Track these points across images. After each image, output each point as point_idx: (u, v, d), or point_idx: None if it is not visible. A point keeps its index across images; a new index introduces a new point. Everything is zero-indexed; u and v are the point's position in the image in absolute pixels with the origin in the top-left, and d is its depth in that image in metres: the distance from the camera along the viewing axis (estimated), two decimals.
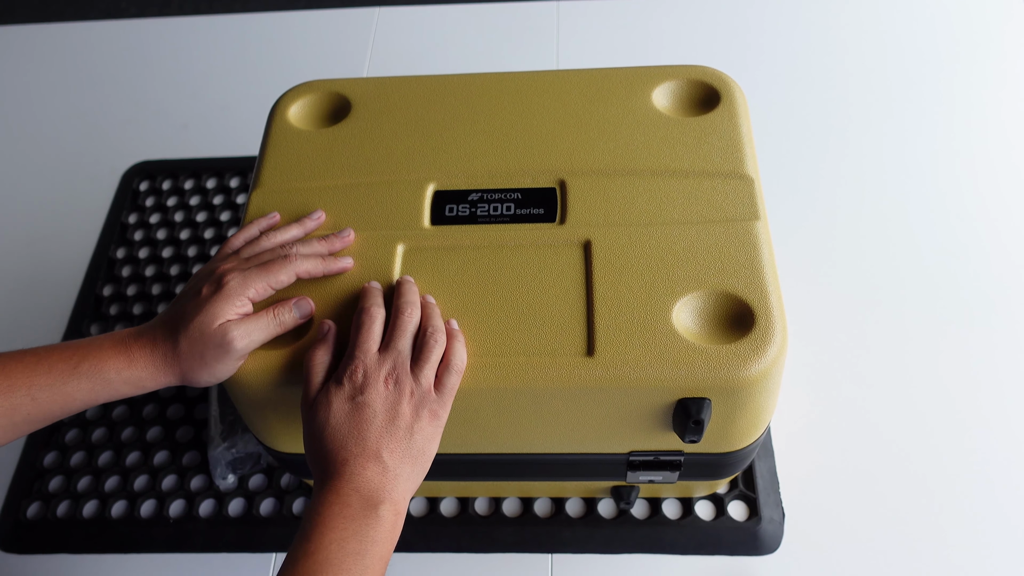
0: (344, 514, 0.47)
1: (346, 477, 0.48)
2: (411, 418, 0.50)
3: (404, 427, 0.50)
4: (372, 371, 0.50)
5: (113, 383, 0.52)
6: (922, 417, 0.73)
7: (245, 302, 0.53)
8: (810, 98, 0.97)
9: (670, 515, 0.69)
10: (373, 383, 0.50)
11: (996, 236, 0.84)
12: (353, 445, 0.49)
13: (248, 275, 0.53)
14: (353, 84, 0.69)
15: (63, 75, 1.09)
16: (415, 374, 0.51)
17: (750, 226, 0.57)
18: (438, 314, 0.54)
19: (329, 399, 0.50)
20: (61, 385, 0.51)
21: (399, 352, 0.51)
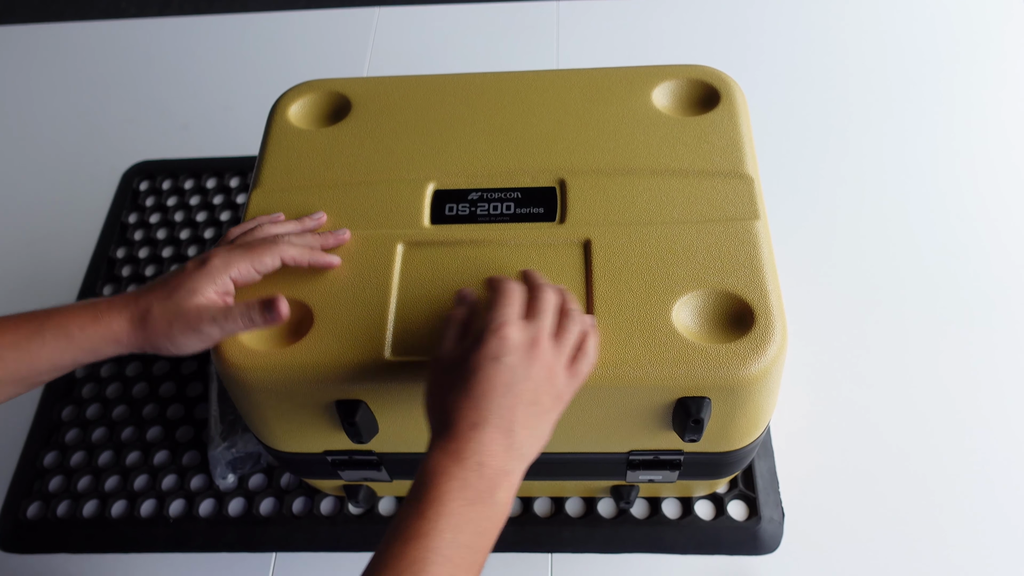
0: (464, 495, 0.44)
1: (473, 445, 0.44)
2: (548, 397, 0.47)
3: (539, 403, 0.46)
4: (517, 338, 0.46)
5: (75, 340, 0.51)
6: (922, 417, 0.73)
7: (226, 281, 0.52)
8: (810, 98, 0.97)
9: (670, 515, 0.69)
10: (513, 345, 0.46)
11: (996, 236, 0.84)
12: (487, 407, 0.45)
13: (232, 254, 0.53)
14: (353, 84, 0.69)
15: (63, 75, 1.09)
16: (556, 350, 0.48)
17: (750, 225, 0.57)
18: (576, 300, 0.51)
19: (469, 353, 0.46)
20: (25, 343, 0.50)
21: (544, 326, 0.48)
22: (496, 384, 0.45)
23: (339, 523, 0.70)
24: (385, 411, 0.55)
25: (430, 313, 0.55)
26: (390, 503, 0.71)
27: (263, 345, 0.54)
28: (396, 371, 0.53)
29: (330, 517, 0.70)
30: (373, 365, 0.53)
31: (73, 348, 0.51)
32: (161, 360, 0.81)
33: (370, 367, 0.53)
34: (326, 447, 0.60)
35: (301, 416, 0.56)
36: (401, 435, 0.58)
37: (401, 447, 0.60)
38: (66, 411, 0.79)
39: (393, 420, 0.56)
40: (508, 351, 0.46)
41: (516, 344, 0.46)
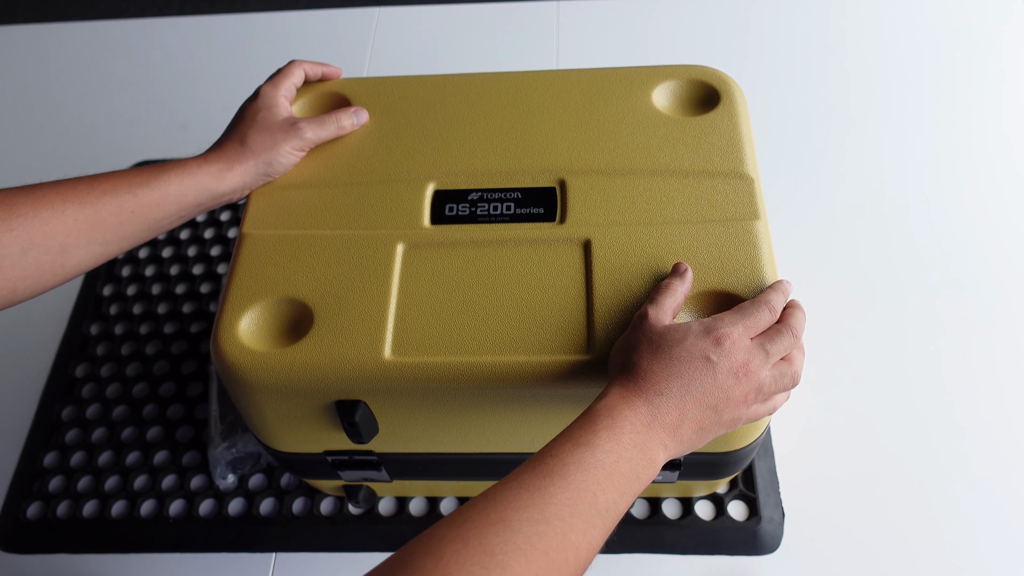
0: (633, 432, 0.45)
1: (651, 405, 0.46)
2: (728, 411, 0.48)
3: (715, 415, 0.47)
4: (739, 348, 0.48)
5: (196, 175, 0.59)
6: (922, 417, 0.73)
7: (282, 99, 0.64)
8: (810, 98, 0.97)
9: (670, 515, 0.69)
10: (731, 356, 0.47)
11: (996, 236, 0.84)
12: (675, 387, 0.47)
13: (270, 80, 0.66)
14: (353, 84, 0.69)
15: (63, 75, 1.09)
16: (759, 388, 0.49)
17: (750, 225, 0.57)
18: (801, 317, 0.51)
19: (688, 333, 0.48)
20: (154, 181, 0.58)
21: (767, 355, 0.49)
22: (694, 375, 0.47)
23: (339, 523, 0.70)
24: (385, 411, 0.55)
25: (430, 313, 0.55)
26: (390, 503, 0.71)
27: (263, 345, 0.54)
28: (396, 371, 0.53)
29: (330, 517, 0.70)
30: (373, 365, 0.53)
31: (194, 184, 0.59)
32: (161, 360, 0.81)
33: (370, 367, 0.53)
34: (326, 447, 0.60)
35: (301, 416, 0.56)
36: (401, 435, 0.58)
37: (401, 447, 0.60)
38: (66, 411, 0.79)
39: (393, 420, 0.56)
40: (722, 355, 0.47)
41: (732, 355, 0.48)
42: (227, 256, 0.88)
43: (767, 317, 0.50)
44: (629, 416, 0.46)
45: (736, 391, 0.48)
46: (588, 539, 0.43)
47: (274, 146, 0.61)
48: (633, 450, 0.45)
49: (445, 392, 0.53)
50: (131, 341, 0.83)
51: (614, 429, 0.45)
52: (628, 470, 0.45)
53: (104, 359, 0.82)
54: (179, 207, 0.59)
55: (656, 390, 0.47)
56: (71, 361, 0.82)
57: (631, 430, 0.45)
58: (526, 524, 0.41)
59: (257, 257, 0.58)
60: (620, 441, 0.45)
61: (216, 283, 0.86)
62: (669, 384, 0.47)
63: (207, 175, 0.59)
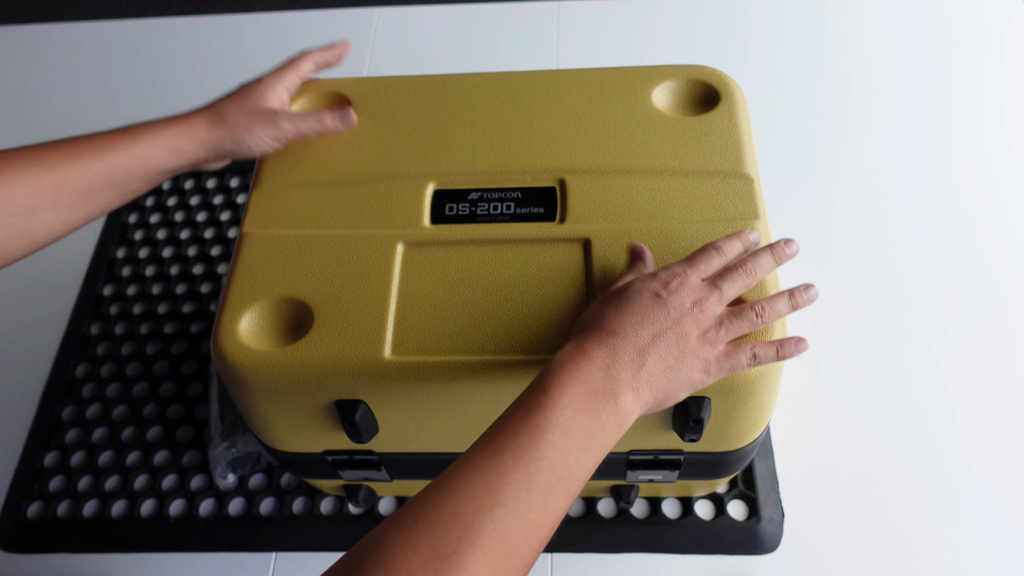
0: (586, 384, 0.44)
1: (605, 349, 0.45)
2: (692, 348, 0.46)
3: (680, 349, 0.46)
4: (688, 286, 0.48)
5: (163, 137, 0.59)
6: (922, 417, 0.73)
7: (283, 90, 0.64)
8: (810, 98, 0.98)
9: (670, 514, 0.69)
10: (682, 293, 0.47)
11: (996, 236, 0.84)
12: (629, 326, 0.46)
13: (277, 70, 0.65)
14: (353, 84, 0.69)
15: (63, 75, 1.09)
16: (718, 322, 0.48)
17: (750, 225, 0.57)
18: (781, 301, 0.50)
19: (635, 283, 0.48)
20: (121, 144, 0.59)
21: (721, 293, 0.48)
22: (648, 314, 0.46)
23: (339, 523, 0.70)
24: (385, 411, 0.56)
25: (430, 313, 0.55)
26: (390, 503, 0.71)
27: (263, 345, 0.54)
28: (396, 371, 0.53)
29: (330, 517, 0.70)
30: (373, 365, 0.53)
31: (164, 147, 0.59)
32: (161, 360, 0.81)
33: (370, 367, 0.53)
34: (326, 447, 0.60)
35: (301, 416, 0.56)
36: (401, 435, 0.58)
37: (401, 447, 0.60)
38: (66, 411, 0.79)
39: (393, 420, 0.56)
40: (670, 291, 0.47)
41: (681, 291, 0.47)
42: (227, 256, 0.88)
43: (717, 260, 0.50)
44: (583, 365, 0.44)
45: (692, 327, 0.47)
46: (551, 512, 0.41)
47: (248, 127, 0.61)
48: (592, 399, 0.43)
49: (445, 392, 0.53)
50: (131, 341, 0.83)
51: (567, 383, 0.43)
52: (589, 423, 0.43)
53: (104, 359, 0.82)
54: (146, 171, 0.59)
55: (609, 331, 0.46)
56: (71, 361, 0.82)
57: (585, 379, 0.44)
58: (479, 514, 0.39)
59: (257, 257, 0.58)
60: (575, 393, 0.43)
61: (216, 283, 0.86)
62: (622, 323, 0.46)
63: (174, 137, 0.60)
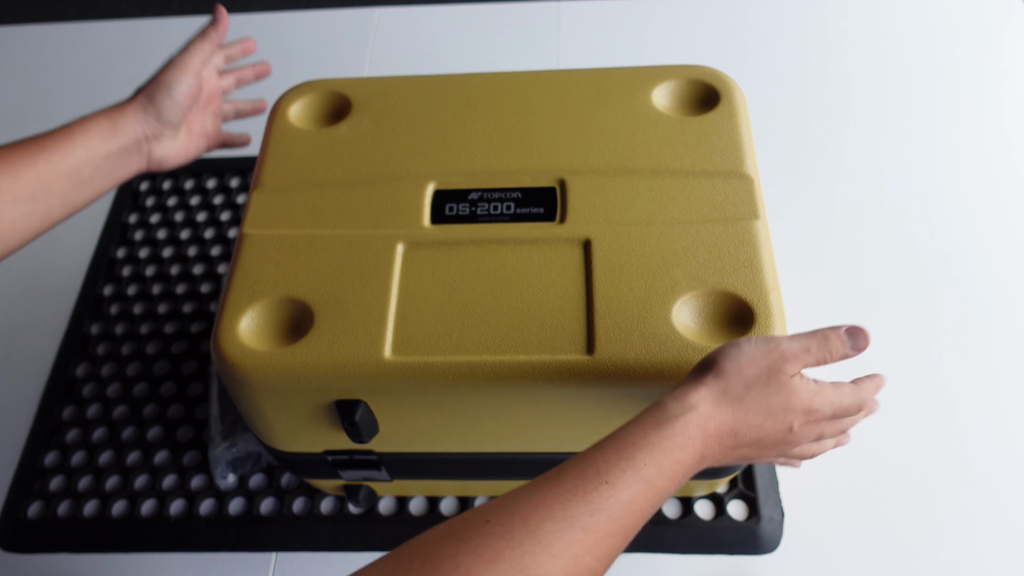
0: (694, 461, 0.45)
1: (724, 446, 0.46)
2: (771, 450, 0.49)
3: (764, 447, 0.48)
4: (819, 427, 0.50)
5: (96, 120, 0.61)
6: (922, 416, 0.73)
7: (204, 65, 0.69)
8: (810, 98, 0.98)
9: (670, 515, 0.69)
10: (810, 430, 0.49)
11: (995, 236, 0.84)
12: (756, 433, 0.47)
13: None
14: (353, 84, 0.69)
15: (63, 75, 1.09)
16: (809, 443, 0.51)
17: (750, 225, 0.57)
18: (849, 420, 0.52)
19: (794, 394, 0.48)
20: (61, 134, 0.59)
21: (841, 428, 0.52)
22: (769, 437, 0.48)
23: (339, 523, 0.70)
24: (385, 411, 0.56)
25: (431, 313, 0.55)
26: (390, 503, 0.71)
27: (263, 345, 0.55)
28: (396, 371, 0.53)
29: (330, 517, 0.70)
30: (373, 365, 0.53)
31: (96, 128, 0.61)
32: (162, 360, 0.81)
33: (370, 367, 0.53)
34: (326, 447, 0.60)
35: (301, 416, 0.56)
36: (401, 435, 0.58)
37: (401, 447, 0.60)
38: (67, 411, 0.79)
39: (393, 420, 0.56)
40: (805, 429, 0.49)
41: (812, 429, 0.49)
42: (227, 256, 0.88)
43: (853, 413, 0.51)
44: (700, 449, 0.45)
45: (785, 450, 0.50)
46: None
47: (159, 81, 0.64)
48: (686, 475, 0.45)
49: (445, 391, 0.53)
50: (131, 341, 0.83)
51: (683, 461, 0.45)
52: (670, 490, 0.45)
53: (105, 359, 0.82)
54: (91, 155, 0.61)
55: (736, 431, 0.46)
56: (72, 361, 0.82)
57: (695, 460, 0.45)
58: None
59: (257, 257, 0.58)
60: (685, 472, 0.45)
61: (216, 283, 0.86)
62: (756, 429, 0.47)
63: (105, 119, 0.62)
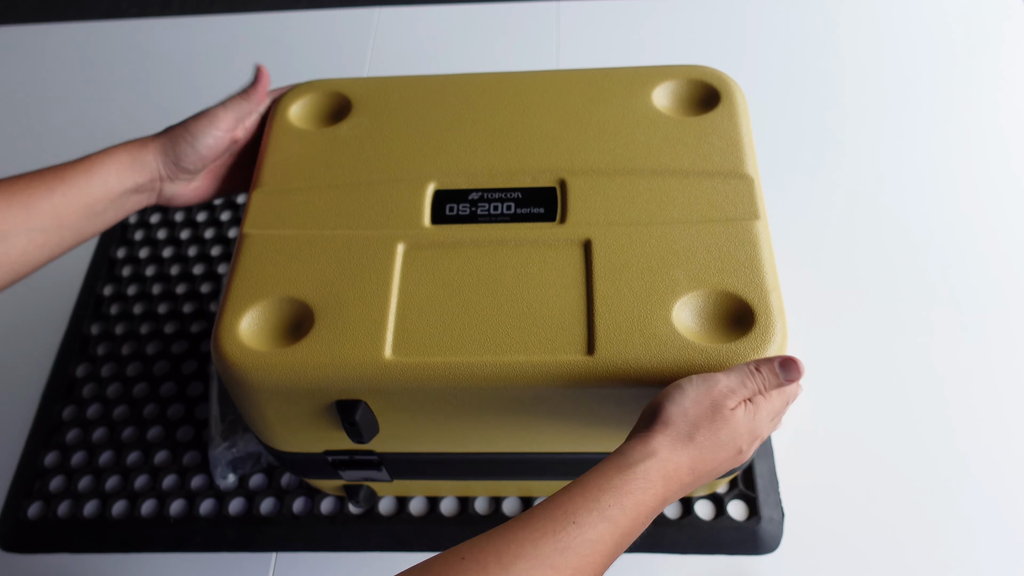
0: (651, 509, 0.46)
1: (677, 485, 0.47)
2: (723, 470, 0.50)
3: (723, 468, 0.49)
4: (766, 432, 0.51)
5: (118, 155, 0.61)
6: (921, 416, 0.73)
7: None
8: (810, 98, 0.98)
9: (670, 515, 0.69)
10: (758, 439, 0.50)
11: (994, 236, 0.84)
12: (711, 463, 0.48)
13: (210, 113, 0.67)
14: (353, 84, 0.69)
15: (63, 75, 1.09)
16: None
17: (750, 225, 0.57)
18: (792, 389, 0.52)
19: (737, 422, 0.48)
20: (80, 166, 0.59)
21: (776, 425, 0.53)
22: (729, 457, 0.49)
23: (339, 523, 0.70)
24: (385, 411, 0.56)
25: (431, 313, 0.55)
26: (390, 503, 0.71)
27: (263, 345, 0.55)
28: (396, 371, 0.53)
29: (330, 517, 0.70)
30: (373, 365, 0.53)
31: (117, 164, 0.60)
32: (162, 360, 0.81)
33: (370, 367, 0.53)
34: (326, 447, 0.60)
35: (301, 416, 0.56)
36: (401, 435, 0.58)
37: (401, 447, 0.60)
38: (67, 411, 0.79)
39: (393, 420, 0.56)
40: (752, 445, 0.50)
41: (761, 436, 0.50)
42: (227, 256, 0.88)
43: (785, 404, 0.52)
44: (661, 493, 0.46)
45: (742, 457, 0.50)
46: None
47: (186, 128, 0.63)
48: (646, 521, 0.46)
49: (445, 392, 0.53)
50: (132, 341, 0.83)
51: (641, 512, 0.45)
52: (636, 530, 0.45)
53: (105, 359, 0.82)
54: (107, 190, 0.60)
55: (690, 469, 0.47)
56: (71, 361, 0.82)
57: (652, 507, 0.46)
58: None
59: (257, 257, 0.58)
60: (644, 523, 0.46)
61: (216, 283, 0.86)
62: (709, 460, 0.48)
63: (127, 155, 0.61)
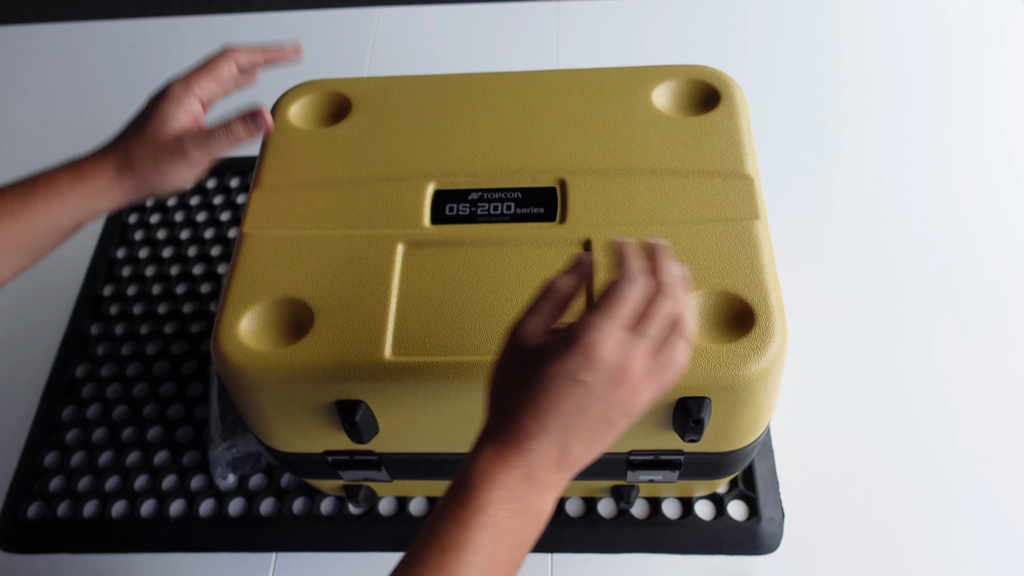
0: (508, 507, 0.42)
1: (526, 456, 0.42)
2: (618, 416, 0.43)
3: (604, 424, 0.43)
4: (610, 354, 0.41)
5: (68, 198, 0.52)
6: (921, 416, 0.73)
7: (193, 103, 0.53)
8: (810, 98, 0.98)
9: (670, 515, 0.69)
10: (604, 366, 0.41)
11: (993, 235, 0.84)
12: (549, 423, 0.41)
13: (188, 75, 0.55)
14: (353, 84, 0.69)
15: (63, 75, 1.09)
16: (647, 378, 0.43)
17: (750, 225, 0.57)
18: (685, 299, 0.45)
19: (550, 359, 0.42)
20: (19, 208, 0.51)
21: (645, 346, 0.42)
22: (567, 404, 0.42)
23: (339, 523, 0.70)
24: (385, 411, 0.56)
25: (431, 313, 0.55)
26: (390, 503, 0.71)
27: (263, 345, 0.54)
28: (396, 371, 0.53)
29: (330, 517, 0.70)
30: (373, 365, 0.53)
31: (67, 207, 0.52)
32: (162, 360, 0.81)
33: (370, 367, 0.53)
34: (326, 447, 0.60)
35: (301, 416, 0.56)
36: (401, 435, 0.58)
37: (401, 447, 0.60)
38: (66, 411, 0.79)
39: (393, 420, 0.56)
40: (592, 371, 0.41)
41: (604, 366, 0.41)
42: (227, 256, 0.88)
43: (634, 294, 0.43)
44: (502, 479, 0.41)
45: (620, 395, 0.42)
46: None
47: (156, 167, 0.53)
48: (515, 519, 0.42)
49: (445, 392, 0.53)
50: (131, 341, 0.83)
51: (487, 508, 0.41)
52: (513, 541, 0.42)
53: (104, 359, 0.82)
54: (55, 232, 0.53)
55: (526, 433, 0.42)
56: (71, 361, 0.82)
57: (507, 496, 0.41)
58: None
59: (257, 257, 0.58)
60: (496, 521, 0.41)
61: (216, 283, 0.86)
62: (541, 422, 0.42)
63: (82, 197, 0.52)
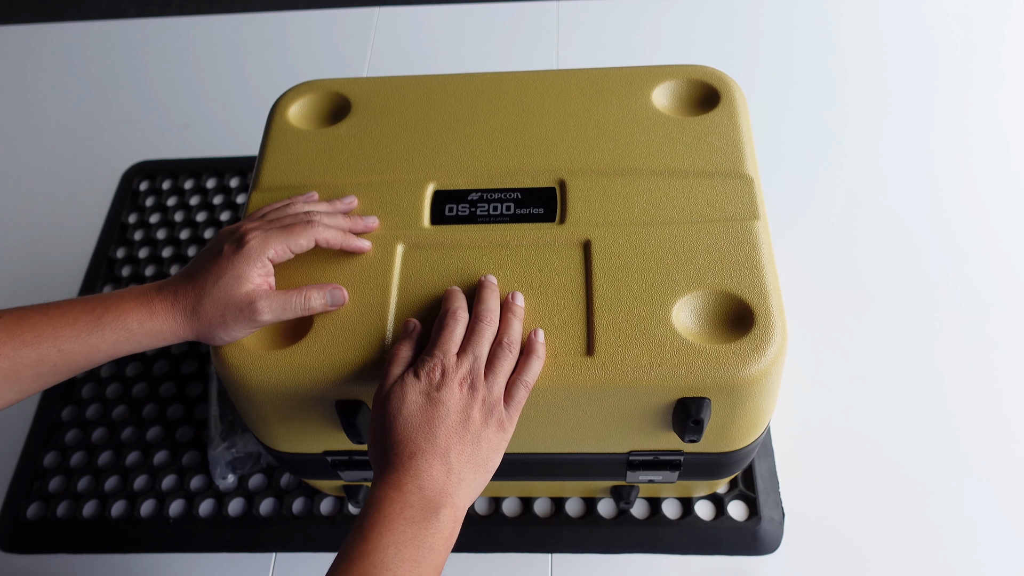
0: (404, 515, 0.46)
1: (412, 472, 0.47)
2: (480, 425, 0.49)
3: (473, 432, 0.49)
4: (450, 371, 0.50)
5: (135, 334, 0.53)
6: (921, 416, 0.73)
7: (266, 263, 0.54)
8: (810, 98, 0.97)
9: (670, 515, 0.69)
10: (449, 382, 0.49)
11: (993, 235, 0.84)
12: (422, 439, 0.48)
13: (268, 235, 0.54)
14: (353, 84, 0.69)
15: (63, 75, 1.09)
16: (487, 382, 0.51)
17: (750, 226, 0.57)
18: (518, 324, 0.53)
19: (404, 390, 0.49)
20: (86, 336, 0.52)
21: (476, 357, 0.51)
22: (429, 418, 0.48)
23: (339, 523, 0.70)
24: None
25: (430, 313, 0.55)
26: None
27: (263, 345, 0.54)
28: None
29: (330, 517, 0.70)
30: (373, 365, 0.53)
31: (132, 341, 0.53)
32: (161, 360, 0.81)
33: (370, 367, 0.53)
34: (326, 447, 0.60)
35: (301, 416, 0.56)
36: None
37: None
38: (66, 411, 0.79)
39: None
40: (439, 387, 0.49)
41: (447, 380, 0.49)
42: None
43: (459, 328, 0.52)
44: (396, 497, 0.46)
45: (471, 406, 0.49)
46: None
47: (223, 324, 0.53)
48: (414, 527, 0.46)
49: None
50: None
51: (386, 522, 0.46)
52: (416, 552, 0.45)
53: None
54: (109, 357, 0.54)
55: (408, 452, 0.48)
56: None
57: (403, 510, 0.46)
58: None
59: None
60: (395, 529, 0.46)
61: None
62: (415, 439, 0.48)
63: (147, 336, 0.53)
